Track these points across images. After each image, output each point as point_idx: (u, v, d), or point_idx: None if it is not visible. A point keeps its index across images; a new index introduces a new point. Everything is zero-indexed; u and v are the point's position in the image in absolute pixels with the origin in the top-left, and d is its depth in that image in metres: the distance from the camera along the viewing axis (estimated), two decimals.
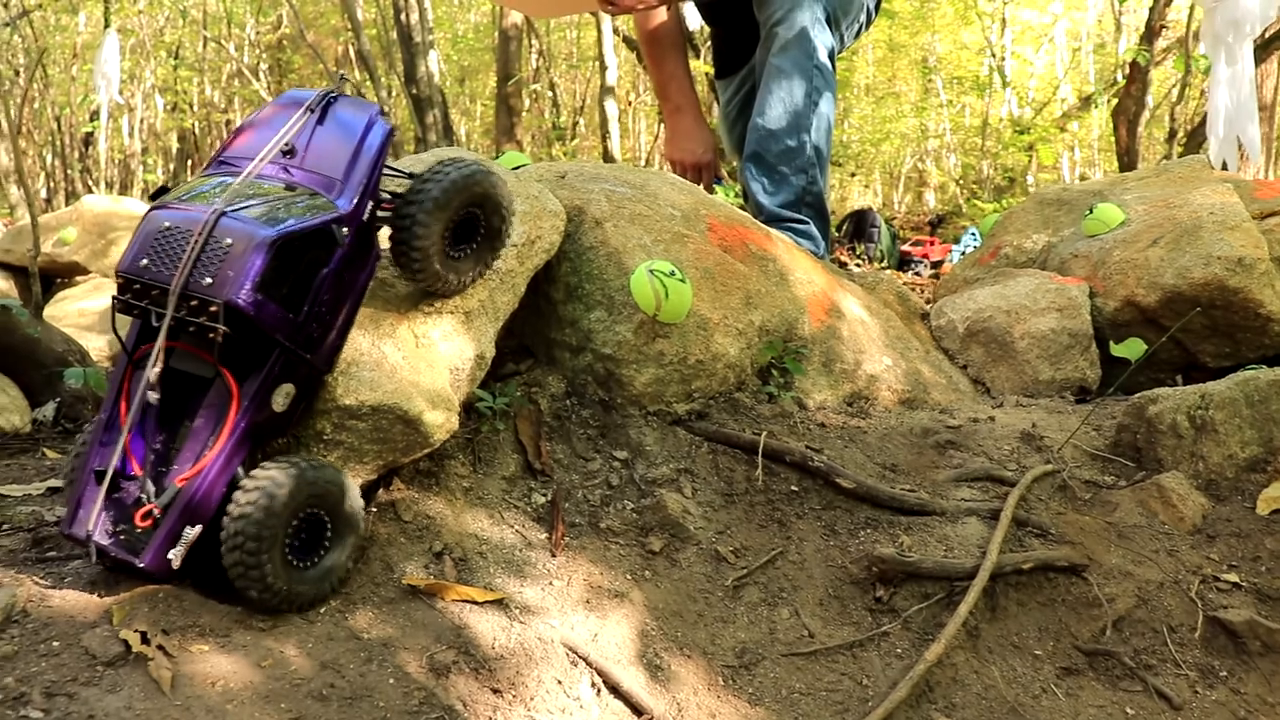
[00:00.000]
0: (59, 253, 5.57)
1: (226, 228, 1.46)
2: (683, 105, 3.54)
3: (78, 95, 11.57)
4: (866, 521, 1.96)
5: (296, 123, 1.63)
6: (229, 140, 1.68)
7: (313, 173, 1.59)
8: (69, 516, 1.49)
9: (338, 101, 1.67)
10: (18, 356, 2.82)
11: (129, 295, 1.48)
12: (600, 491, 1.93)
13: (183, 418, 1.53)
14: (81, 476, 1.51)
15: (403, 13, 9.44)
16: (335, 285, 1.57)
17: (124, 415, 1.51)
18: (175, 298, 1.43)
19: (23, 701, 1.23)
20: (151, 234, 1.47)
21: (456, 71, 15.67)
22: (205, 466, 1.47)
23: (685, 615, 1.76)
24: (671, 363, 2.08)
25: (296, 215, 1.51)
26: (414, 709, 1.41)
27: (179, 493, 1.46)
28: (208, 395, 1.52)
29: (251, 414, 1.51)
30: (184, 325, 1.45)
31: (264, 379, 1.51)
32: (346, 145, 1.62)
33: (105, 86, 8.09)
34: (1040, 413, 2.40)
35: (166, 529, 1.45)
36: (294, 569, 1.50)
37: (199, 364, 1.52)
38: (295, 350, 1.53)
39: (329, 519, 1.55)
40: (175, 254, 1.45)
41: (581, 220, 2.17)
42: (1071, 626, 1.87)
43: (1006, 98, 12.93)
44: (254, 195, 1.52)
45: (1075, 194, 3.14)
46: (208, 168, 1.64)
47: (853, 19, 3.17)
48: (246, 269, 1.43)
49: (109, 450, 1.50)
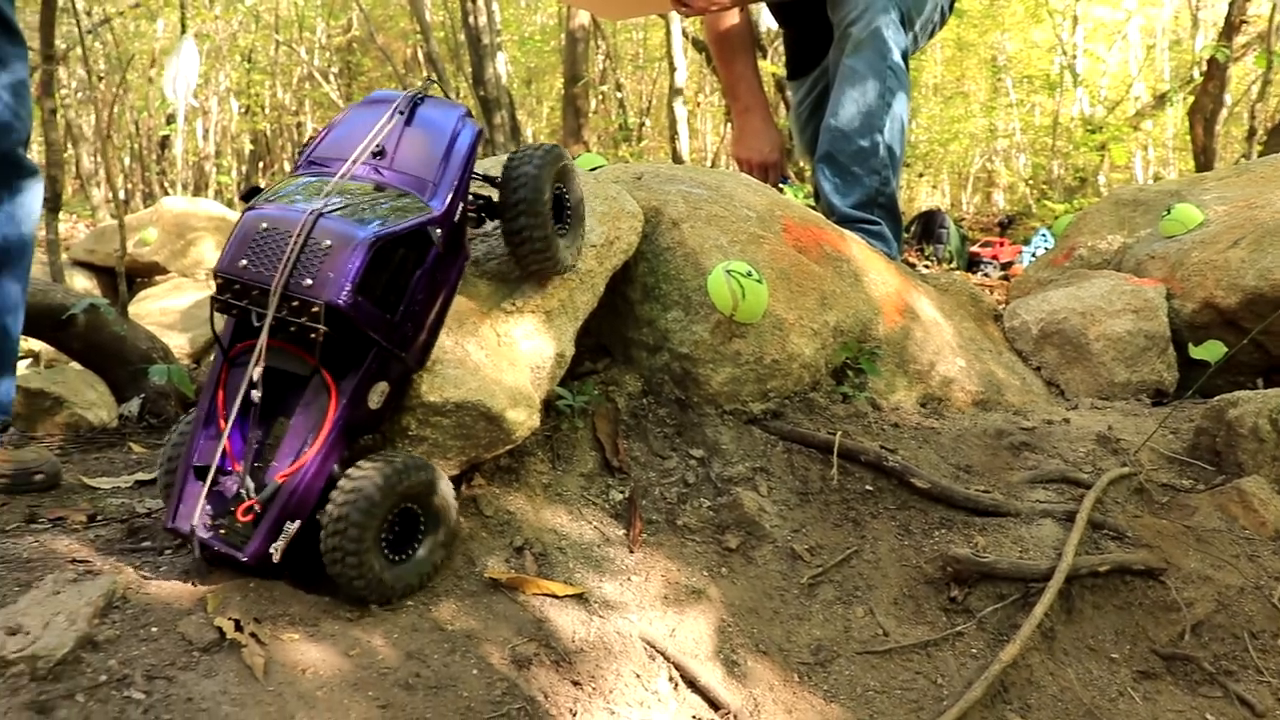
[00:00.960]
0: (140, 253, 5.71)
1: (325, 229, 1.48)
2: (751, 105, 3.57)
3: (155, 99, 11.82)
4: (941, 522, 1.96)
5: (386, 123, 1.66)
6: (316, 140, 1.70)
7: (402, 173, 1.62)
8: (170, 511, 1.52)
9: (424, 102, 1.70)
10: (105, 354, 2.91)
11: (228, 295, 1.50)
12: (677, 489, 1.96)
13: (276, 413, 1.57)
14: (180, 471, 1.54)
15: (471, 15, 9.52)
16: (428, 285, 1.60)
17: (221, 411, 1.55)
18: (276, 298, 1.46)
19: (125, 683, 1.27)
20: (249, 234, 1.50)
21: (524, 73, 15.77)
22: (306, 463, 1.51)
23: (761, 612, 1.77)
24: (747, 362, 2.10)
25: (393, 217, 1.53)
26: (497, 699, 1.44)
27: (280, 488, 1.50)
28: (305, 393, 1.56)
29: (349, 412, 1.54)
30: (283, 325, 1.48)
31: (361, 377, 1.54)
32: (436, 146, 1.64)
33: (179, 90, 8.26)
34: (1116, 415, 2.38)
35: (269, 524, 1.49)
36: (389, 561, 1.54)
37: (295, 362, 1.55)
38: (391, 349, 1.56)
39: (422, 513, 1.58)
40: (274, 254, 1.47)
41: (659, 221, 2.20)
42: (1149, 630, 1.86)
43: (1078, 96, 12.72)
44: (348, 196, 1.55)
45: (1152, 194, 3.10)
46: (297, 168, 1.67)
47: (926, 19, 3.16)
48: (346, 270, 1.46)
49: (209, 446, 1.54)
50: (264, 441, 1.56)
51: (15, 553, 1.58)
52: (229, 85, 13.67)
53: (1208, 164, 7.08)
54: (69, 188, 11.39)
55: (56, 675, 1.25)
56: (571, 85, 10.68)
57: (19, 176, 2.01)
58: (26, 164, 2.03)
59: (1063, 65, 12.56)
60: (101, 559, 1.58)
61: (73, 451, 2.50)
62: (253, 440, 1.55)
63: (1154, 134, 13.49)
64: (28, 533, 1.74)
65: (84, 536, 1.71)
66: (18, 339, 2.09)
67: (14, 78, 1.98)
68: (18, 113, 1.99)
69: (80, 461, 2.36)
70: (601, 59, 12.33)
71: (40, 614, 1.33)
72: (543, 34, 15.09)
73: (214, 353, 1.62)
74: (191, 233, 5.89)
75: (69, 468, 2.22)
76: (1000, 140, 14.68)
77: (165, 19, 13.10)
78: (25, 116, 2.02)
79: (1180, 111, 10.89)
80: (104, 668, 1.29)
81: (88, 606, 1.36)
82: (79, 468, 2.26)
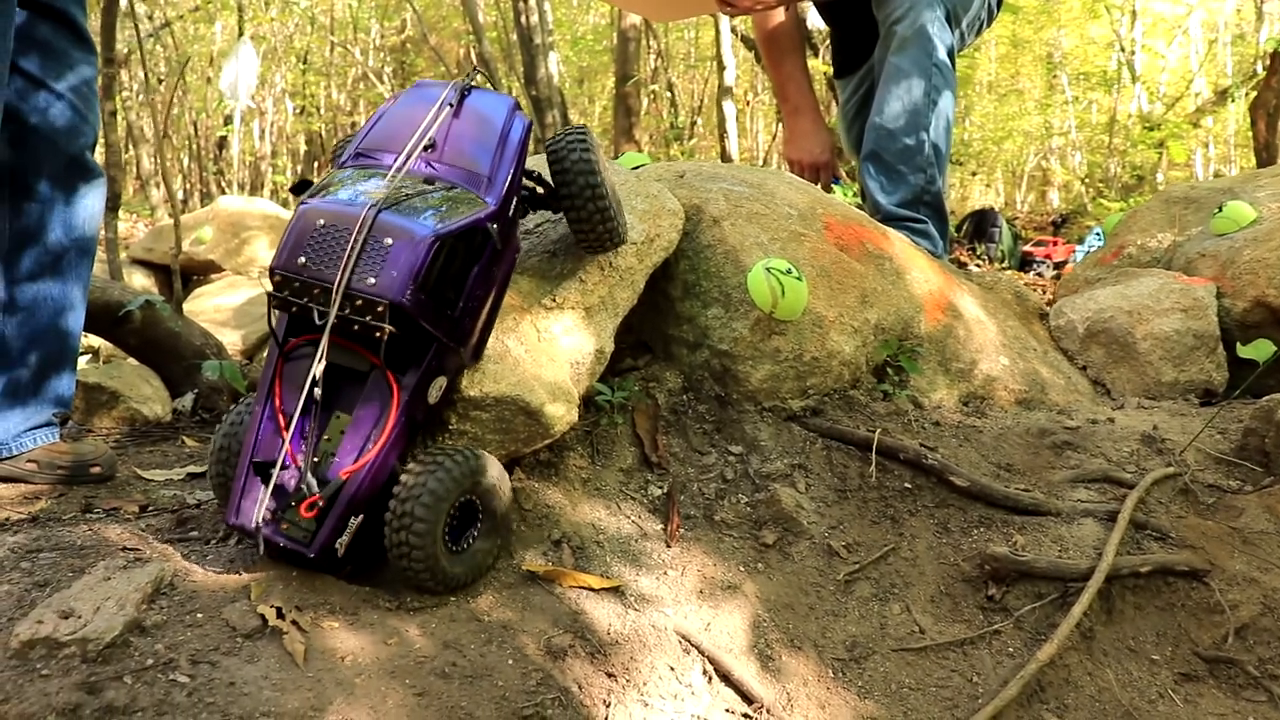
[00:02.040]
0: (196, 251, 5.81)
1: (385, 226, 1.46)
2: (801, 106, 3.56)
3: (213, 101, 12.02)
4: (980, 520, 1.96)
5: (435, 116, 1.63)
6: (364, 132, 1.67)
7: (453, 166, 1.60)
8: (232, 506, 1.52)
9: (472, 94, 1.68)
10: (161, 350, 2.97)
11: (286, 292, 1.47)
12: (715, 485, 1.97)
13: (332, 408, 1.56)
14: (240, 467, 1.54)
15: (523, 15, 9.59)
16: (484, 280, 1.60)
17: (279, 407, 1.54)
18: (339, 297, 1.44)
19: (171, 667, 1.31)
20: (307, 230, 1.47)
21: (575, 72, 15.84)
22: (370, 459, 1.51)
23: (797, 608, 1.78)
24: (787, 359, 2.10)
25: (451, 212, 1.52)
26: (531, 689, 1.46)
27: (344, 484, 1.50)
28: (365, 388, 1.55)
29: (410, 407, 1.54)
30: (345, 323, 1.46)
31: (422, 373, 1.54)
32: (488, 140, 1.63)
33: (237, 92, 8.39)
34: (1162, 415, 2.35)
35: (334, 519, 1.49)
36: (450, 552, 1.56)
37: (353, 358, 1.55)
38: (451, 344, 1.56)
39: (480, 506, 1.60)
40: (333, 251, 1.45)
41: (700, 219, 2.21)
42: (1191, 632, 1.84)
43: (1136, 93, 12.54)
44: (403, 190, 1.53)
45: (1204, 192, 3.06)
46: (344, 160, 1.64)
47: (974, 16, 3.14)
48: (409, 268, 1.44)
49: (269, 442, 1.53)
50: (318, 436, 1.54)
51: (70, 540, 1.63)
52: (285, 86, 13.87)
53: (1269, 160, 6.96)
54: (129, 188, 11.62)
55: (106, 658, 1.29)
56: (623, 84, 10.71)
57: (84, 179, 2.07)
58: (92, 167, 2.09)
59: (1120, 61, 12.39)
60: (151, 547, 1.62)
61: (128, 444, 2.56)
62: (311, 436, 1.53)
63: (1215, 131, 13.26)
64: (83, 522, 1.79)
65: (135, 526, 1.76)
66: (79, 337, 2.15)
67: (82, 82, 2.04)
68: (85, 117, 2.05)
69: (135, 454, 2.41)
70: (653, 58, 12.35)
71: (92, 599, 1.37)
72: (595, 34, 15.14)
73: (268, 347, 1.61)
74: (246, 231, 5.99)
75: (124, 460, 2.27)
76: (1055, 138, 14.50)
77: (223, 21, 13.31)
78: (93, 120, 2.07)
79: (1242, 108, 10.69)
80: (151, 651, 1.32)
81: (136, 592, 1.40)
82: (134, 460, 2.31)
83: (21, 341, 2.04)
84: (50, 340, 2.07)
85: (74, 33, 2.03)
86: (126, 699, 1.24)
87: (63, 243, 2.06)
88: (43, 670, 1.26)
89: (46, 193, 2.02)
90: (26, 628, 1.30)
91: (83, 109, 2.04)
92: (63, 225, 2.05)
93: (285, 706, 1.28)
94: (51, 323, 2.07)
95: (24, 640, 1.28)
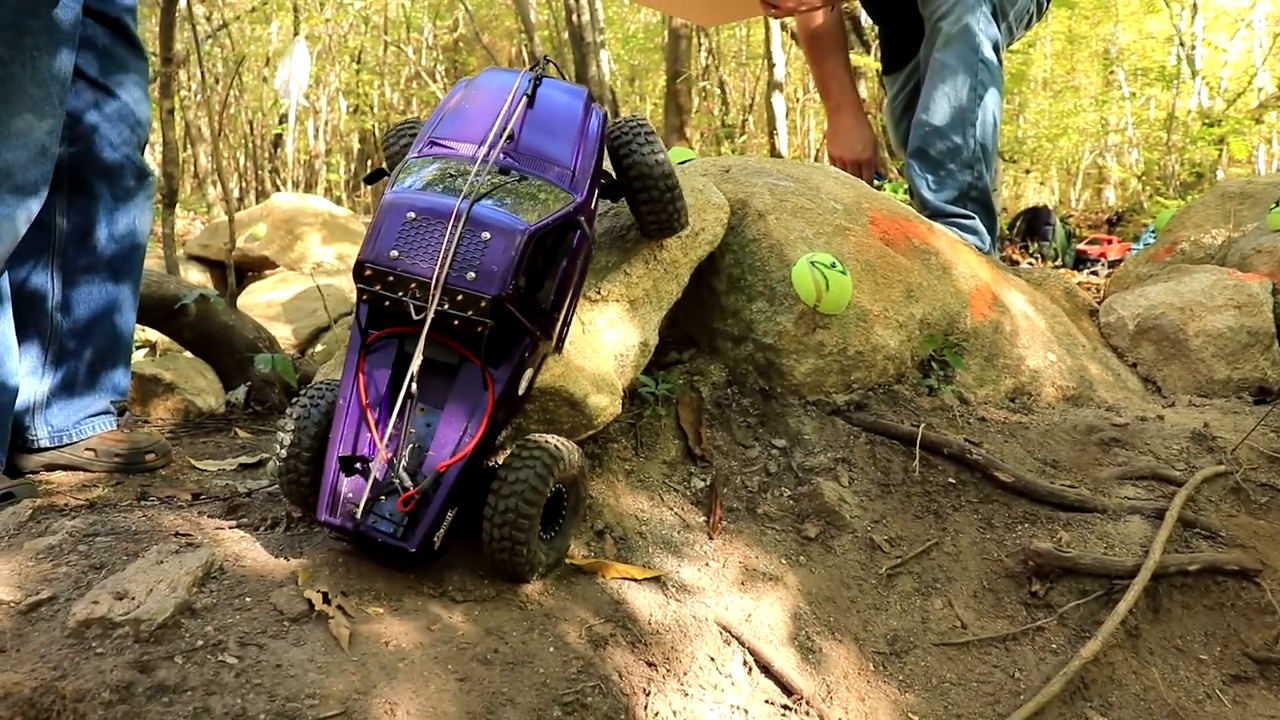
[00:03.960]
0: (250, 247, 5.90)
1: (482, 219, 1.44)
2: (843, 103, 3.56)
3: (269, 100, 12.19)
4: (1024, 516, 1.94)
5: (510, 105, 1.61)
6: (435, 120, 1.65)
7: (536, 158, 1.59)
8: (322, 503, 1.49)
9: (544, 84, 1.66)
10: (215, 343, 3.03)
11: (379, 286, 1.44)
12: (758, 478, 1.97)
13: (418, 401, 1.54)
14: (327, 462, 1.51)
15: (574, 14, 9.63)
16: (569, 272, 1.59)
17: (364, 400, 1.52)
18: (438, 292, 1.42)
19: (220, 649, 1.34)
20: (397, 223, 1.45)
21: (627, 70, 15.86)
22: (467, 453, 1.49)
23: (838, 601, 1.78)
24: (831, 353, 2.10)
25: (540, 205, 1.50)
26: (572, 676, 1.48)
27: (441, 477, 1.48)
28: (457, 382, 1.54)
29: (503, 400, 1.53)
30: (441, 317, 1.44)
31: (515, 366, 1.53)
32: (568, 131, 1.62)
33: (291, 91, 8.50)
34: (1214, 413, 2.32)
35: (432, 513, 1.47)
36: (543, 541, 1.58)
37: (438, 350, 1.53)
38: (542, 337, 1.56)
39: (567, 494, 1.61)
40: (426, 245, 1.43)
41: (745, 213, 2.21)
42: (1241, 632, 1.82)
43: (1195, 89, 12.31)
44: (488, 182, 1.51)
45: (1260, 187, 3.02)
46: (419, 148, 1.62)
47: (1021, 10, 3.12)
48: (509, 262, 1.43)
49: (353, 437, 1.51)
50: (401, 429, 1.52)
51: (126, 525, 1.67)
52: (338, 85, 14.02)
53: None
54: (186, 186, 11.82)
55: (157, 638, 1.32)
56: (674, 82, 10.71)
57: (137, 178, 2.12)
58: (143, 166, 2.14)
59: (1180, 56, 12.18)
60: (202, 533, 1.66)
61: (182, 435, 2.61)
62: (403, 430, 1.51)
63: (1278, 126, 12.99)
64: (138, 508, 1.83)
65: (188, 513, 1.80)
66: (131, 331, 2.20)
67: (135, 86, 2.10)
68: (138, 120, 2.10)
69: (189, 444, 2.46)
70: (705, 55, 12.34)
71: (145, 581, 1.41)
72: (646, 32, 15.15)
73: (350, 340, 1.58)
74: (300, 228, 6.07)
75: (178, 450, 2.32)
76: (1112, 135, 14.28)
77: (279, 22, 13.48)
78: (144, 123, 2.13)
79: None
80: (201, 633, 1.35)
81: (188, 576, 1.43)
82: (188, 450, 2.36)
83: (76, 336, 2.10)
84: (104, 334, 2.13)
85: (127, 39, 2.09)
86: (177, 678, 1.27)
87: (115, 240, 2.11)
88: (98, 649, 1.29)
89: (102, 191, 2.07)
90: (83, 608, 1.34)
91: (134, 112, 2.09)
92: (116, 223, 2.11)
93: (330, 689, 1.30)
94: (105, 318, 2.13)
95: (80, 620, 1.32)
